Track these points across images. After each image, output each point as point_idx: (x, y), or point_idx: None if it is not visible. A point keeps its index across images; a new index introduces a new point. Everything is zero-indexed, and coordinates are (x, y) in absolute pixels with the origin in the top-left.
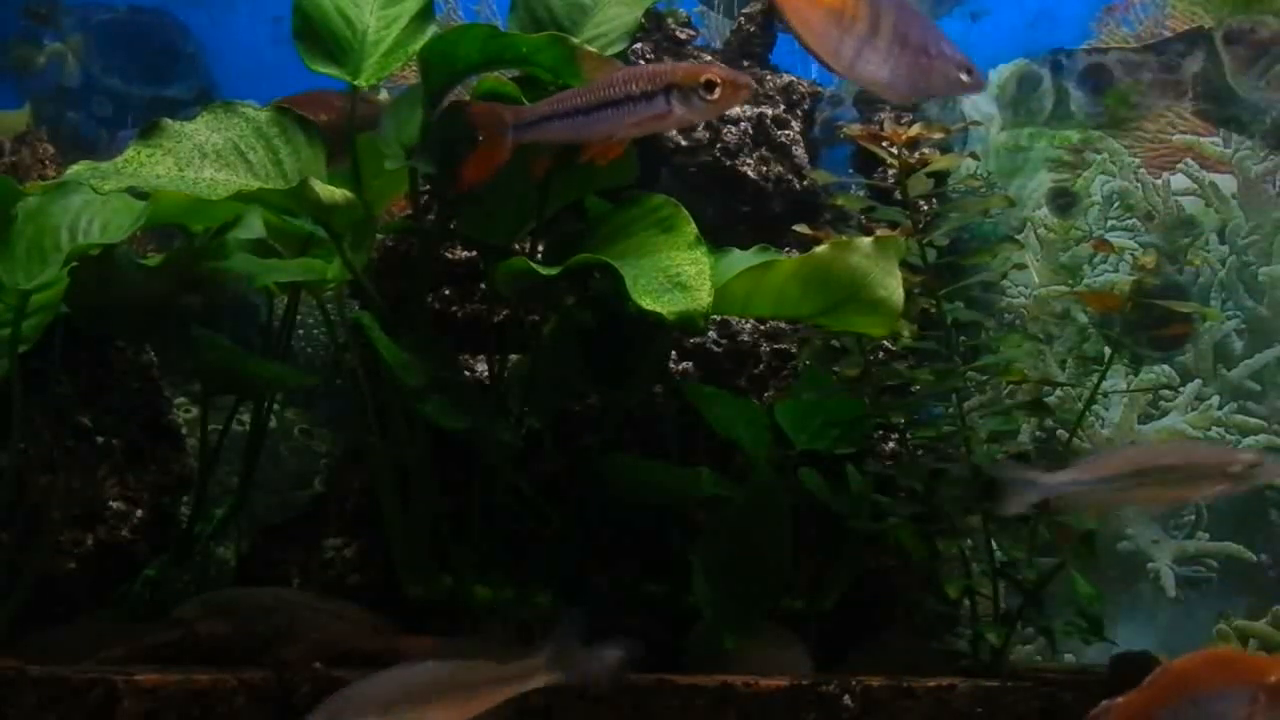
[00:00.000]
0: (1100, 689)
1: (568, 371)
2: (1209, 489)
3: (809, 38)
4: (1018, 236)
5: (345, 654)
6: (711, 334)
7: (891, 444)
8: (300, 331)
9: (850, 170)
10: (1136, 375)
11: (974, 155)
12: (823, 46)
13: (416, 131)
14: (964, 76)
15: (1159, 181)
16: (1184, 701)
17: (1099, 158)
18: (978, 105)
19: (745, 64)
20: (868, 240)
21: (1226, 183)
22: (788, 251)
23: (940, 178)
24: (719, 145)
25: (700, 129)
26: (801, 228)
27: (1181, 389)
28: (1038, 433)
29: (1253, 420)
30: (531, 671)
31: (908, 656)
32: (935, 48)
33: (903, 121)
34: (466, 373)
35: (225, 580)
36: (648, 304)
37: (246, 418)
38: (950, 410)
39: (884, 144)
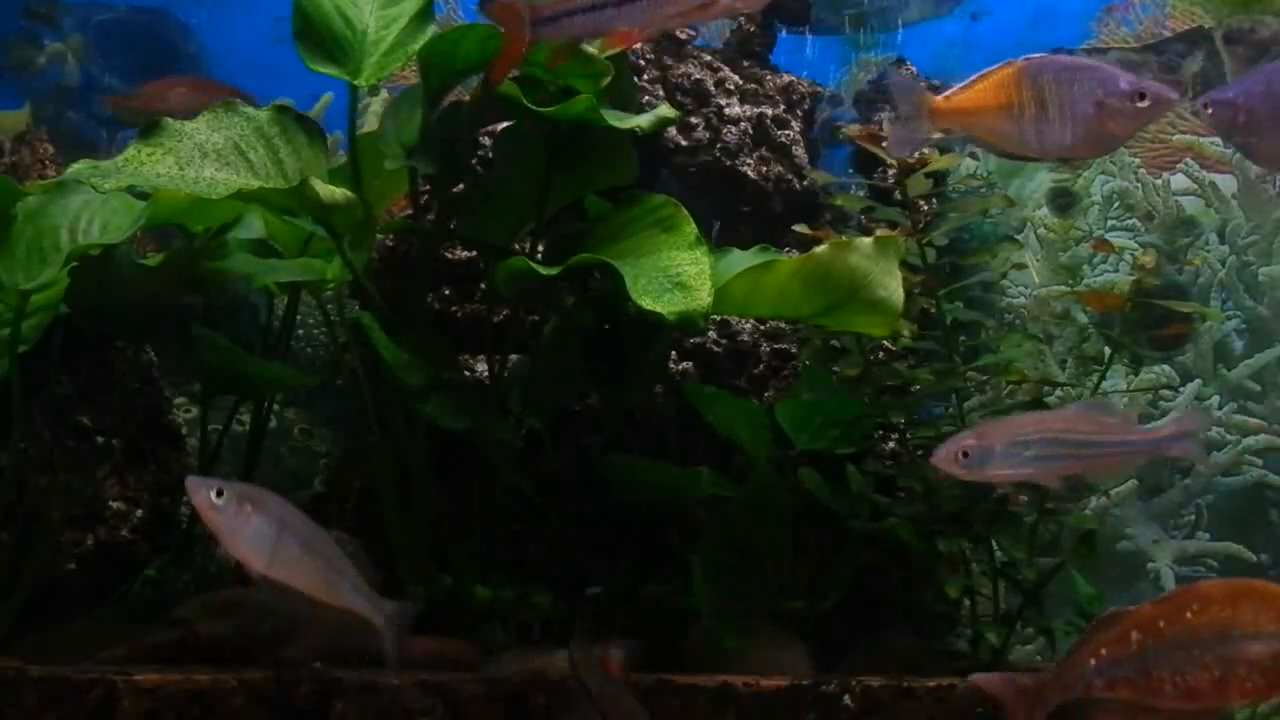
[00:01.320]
0: None
1: (568, 371)
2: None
3: (996, 142)
4: (1018, 236)
5: (345, 654)
6: (711, 334)
7: (891, 444)
8: (300, 331)
9: (850, 170)
10: (1136, 375)
11: (974, 155)
12: (1010, 144)
13: (416, 131)
14: (1141, 103)
15: (1159, 181)
16: (1203, 625)
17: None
18: None
19: (745, 64)
20: (868, 240)
21: (1226, 183)
22: (788, 251)
23: (940, 178)
24: (719, 145)
25: (700, 129)
26: (801, 228)
27: (1181, 389)
28: None
29: (1253, 420)
30: (377, 607)
31: (908, 656)
32: (1102, 90)
33: None
34: (466, 373)
35: (225, 580)
36: (648, 304)
37: (246, 418)
38: (950, 410)
39: (884, 144)
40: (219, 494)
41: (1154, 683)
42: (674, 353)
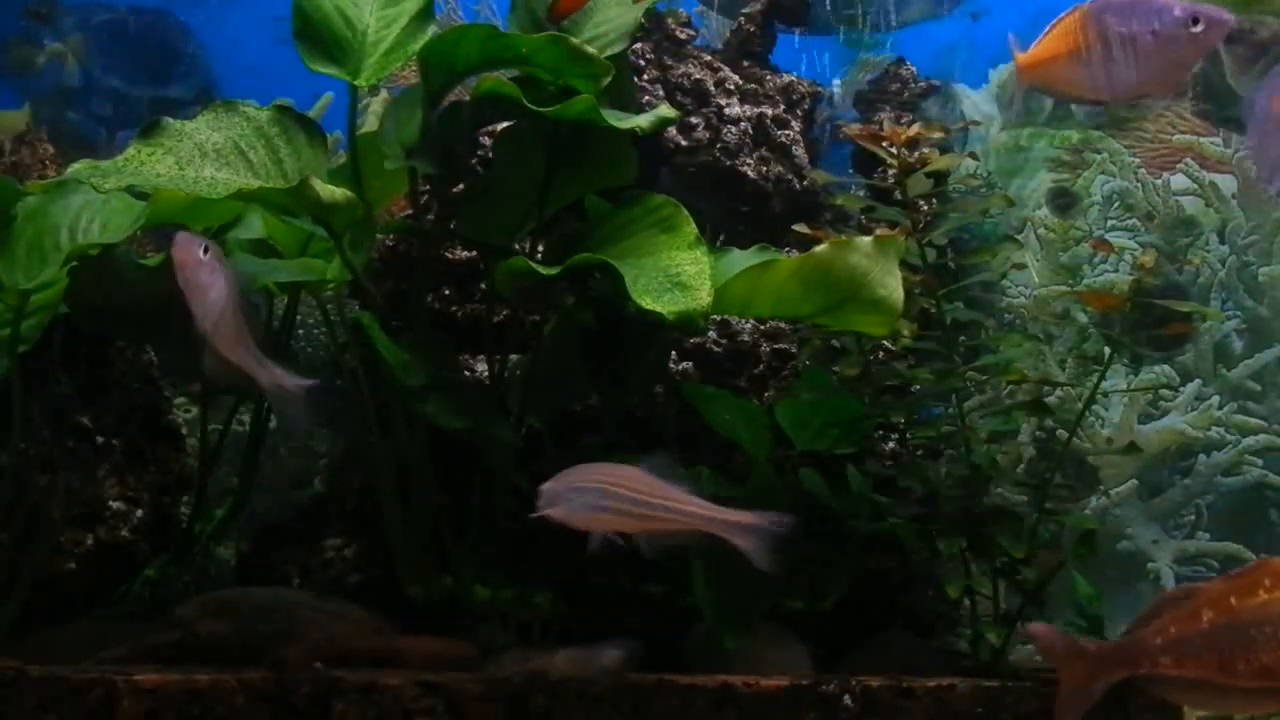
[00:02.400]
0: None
1: (568, 371)
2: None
3: (1073, 90)
4: (1018, 236)
5: (345, 654)
6: (711, 334)
7: (891, 444)
8: (300, 331)
9: (850, 170)
10: (1136, 375)
11: (974, 155)
12: (1086, 90)
13: (416, 131)
14: (1195, 28)
15: (1159, 181)
16: (1277, 603)
17: (1099, 158)
18: (977, 105)
19: (745, 64)
20: (868, 240)
21: (1226, 183)
22: (788, 251)
23: (940, 178)
24: (719, 145)
25: (700, 129)
26: (801, 228)
27: (1181, 389)
28: (1038, 433)
29: (1253, 420)
30: (276, 380)
31: (908, 656)
32: (1157, 21)
33: (902, 121)
34: (466, 373)
35: (225, 580)
36: (648, 304)
37: (246, 418)
38: (950, 410)
39: (884, 144)
40: (205, 251)
41: (1225, 662)
42: (674, 353)
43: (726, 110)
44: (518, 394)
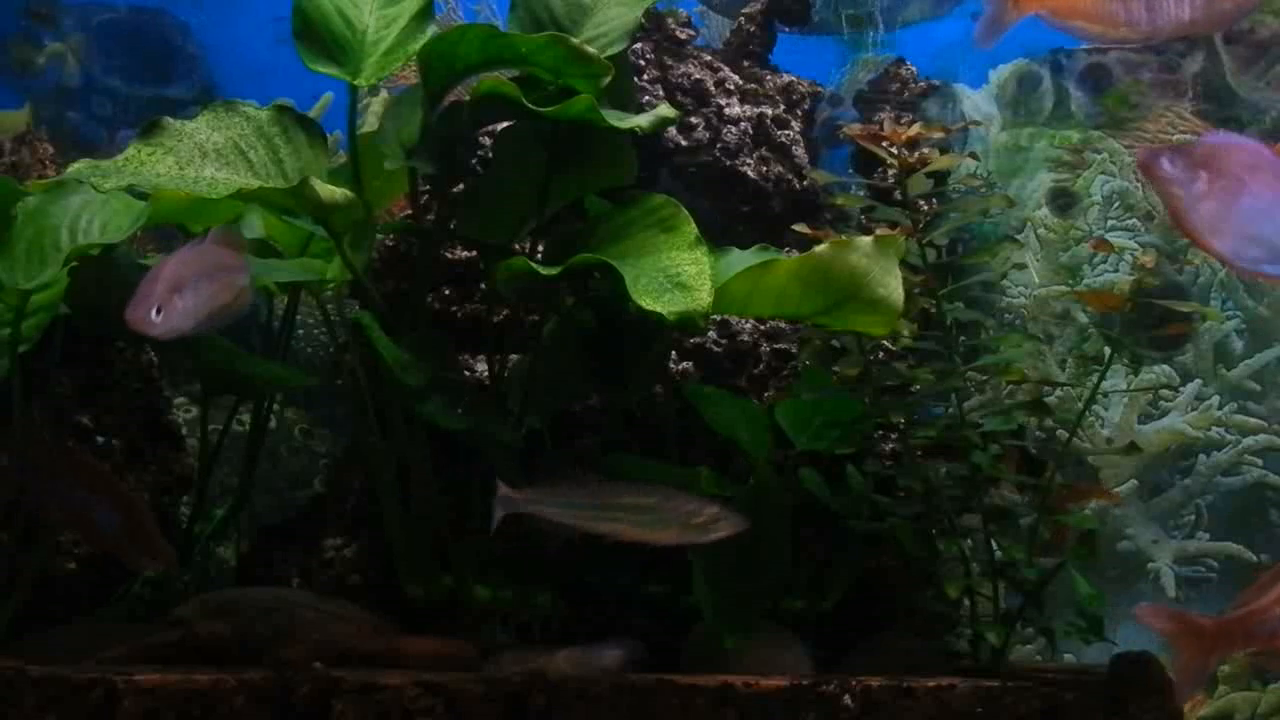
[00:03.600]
0: (1100, 689)
1: (568, 371)
2: (672, 536)
3: (1096, 22)
4: (1018, 236)
5: (345, 654)
6: (711, 334)
7: (891, 444)
8: (300, 331)
9: (850, 170)
10: (1136, 375)
11: (974, 155)
12: (1112, 25)
13: (416, 131)
14: None
15: None
16: None
17: (1099, 158)
18: (978, 105)
19: (745, 64)
20: (867, 239)
21: None
22: (788, 251)
23: (940, 178)
24: (719, 145)
25: (700, 129)
26: (801, 227)
27: (1181, 389)
28: (1038, 433)
29: (1253, 420)
30: None
31: (908, 656)
32: None
33: (902, 121)
34: (466, 373)
35: (225, 580)
36: (648, 304)
37: (246, 418)
38: (950, 410)
39: (884, 144)
40: (157, 312)
41: None
42: (674, 353)
43: (726, 110)
44: (518, 394)
